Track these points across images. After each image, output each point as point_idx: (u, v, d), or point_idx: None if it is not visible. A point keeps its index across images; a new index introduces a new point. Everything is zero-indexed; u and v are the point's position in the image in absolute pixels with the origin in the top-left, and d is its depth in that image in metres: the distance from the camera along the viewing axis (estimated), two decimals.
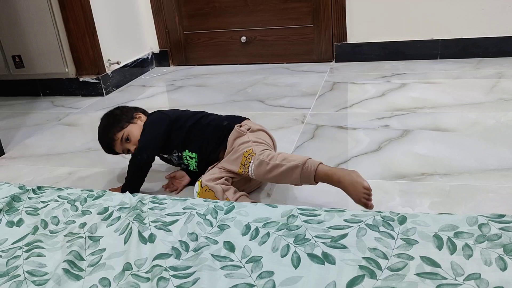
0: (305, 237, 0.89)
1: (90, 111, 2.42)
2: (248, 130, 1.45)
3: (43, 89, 2.70)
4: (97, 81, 2.60)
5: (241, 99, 2.43)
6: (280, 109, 2.24)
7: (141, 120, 1.53)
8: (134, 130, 1.48)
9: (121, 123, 1.49)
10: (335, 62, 2.89)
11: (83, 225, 1.03)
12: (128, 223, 1.00)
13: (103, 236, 0.97)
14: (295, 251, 0.86)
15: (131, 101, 2.53)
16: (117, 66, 2.73)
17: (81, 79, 2.61)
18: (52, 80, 2.65)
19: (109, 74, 2.66)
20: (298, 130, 1.98)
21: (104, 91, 2.62)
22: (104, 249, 0.93)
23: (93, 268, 0.88)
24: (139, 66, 2.98)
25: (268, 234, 0.92)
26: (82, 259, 0.91)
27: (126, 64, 2.84)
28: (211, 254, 0.88)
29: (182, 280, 0.83)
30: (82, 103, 2.54)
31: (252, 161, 1.28)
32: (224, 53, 3.07)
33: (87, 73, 2.61)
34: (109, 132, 1.48)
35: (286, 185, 1.56)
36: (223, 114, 1.66)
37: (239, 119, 1.56)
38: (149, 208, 1.06)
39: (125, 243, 0.95)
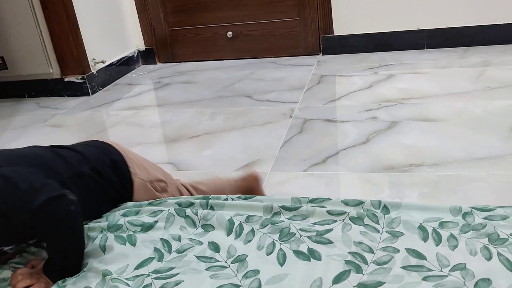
0: (290, 231, 0.88)
1: (77, 112, 2.39)
2: None
3: (28, 90, 2.66)
4: (82, 80, 2.57)
5: (229, 94, 2.41)
6: (268, 104, 2.23)
7: None
8: None
9: None
10: (322, 55, 2.89)
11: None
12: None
13: None
14: (280, 249, 0.85)
15: (118, 100, 2.51)
16: (102, 65, 2.70)
17: (66, 79, 2.58)
18: (37, 81, 2.62)
19: (94, 73, 2.63)
20: (286, 124, 1.97)
21: (90, 91, 2.60)
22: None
23: None
24: (125, 65, 2.95)
25: (252, 231, 0.91)
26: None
27: (112, 62, 2.81)
28: (195, 256, 0.87)
29: (165, 280, 0.82)
30: (68, 104, 2.51)
31: None
32: (211, 48, 3.05)
33: (72, 73, 2.58)
34: None
35: (276, 180, 1.56)
36: (210, 110, 1.63)
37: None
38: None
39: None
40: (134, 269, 0.87)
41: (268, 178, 1.59)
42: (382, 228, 0.85)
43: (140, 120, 2.23)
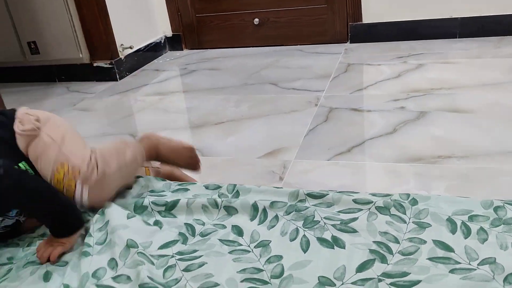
0: (314, 219, 0.88)
1: (105, 96, 2.43)
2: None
3: (58, 74, 2.72)
4: (110, 66, 2.60)
5: (254, 82, 2.40)
6: (294, 92, 2.21)
7: None
8: None
9: None
10: (350, 43, 2.84)
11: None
12: None
13: None
14: (304, 235, 0.85)
15: (144, 85, 2.54)
16: (130, 51, 2.73)
17: (95, 64, 2.62)
18: (67, 66, 2.67)
19: (122, 58, 2.66)
20: (311, 113, 1.95)
21: (117, 76, 2.63)
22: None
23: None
24: (152, 50, 2.97)
25: (276, 217, 0.90)
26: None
27: (139, 48, 2.83)
28: (219, 239, 0.88)
29: (188, 262, 0.83)
30: (96, 88, 2.55)
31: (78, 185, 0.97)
32: (237, 35, 3.04)
33: (100, 58, 2.61)
34: None
35: (300, 168, 1.55)
36: (235, 97, 1.62)
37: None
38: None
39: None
40: (158, 248, 0.88)
41: (292, 166, 1.58)
42: (409, 219, 0.84)
43: (166, 105, 2.25)
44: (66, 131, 1.01)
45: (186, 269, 0.81)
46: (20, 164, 0.95)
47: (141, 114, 2.17)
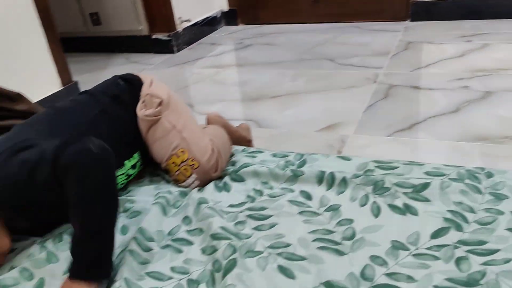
0: (385, 186, 0.87)
1: (163, 68, 2.49)
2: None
3: (118, 45, 2.80)
4: (168, 38, 2.65)
5: (311, 57, 2.39)
6: (351, 68, 2.18)
7: None
8: None
9: None
10: (410, 21, 2.75)
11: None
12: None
13: None
14: (374, 202, 0.85)
15: (201, 58, 2.57)
16: (187, 24, 2.77)
17: (153, 37, 2.68)
18: (127, 37, 2.74)
19: (180, 31, 2.71)
20: (370, 89, 1.93)
21: (175, 48, 2.68)
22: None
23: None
24: (209, 25, 3.00)
25: (345, 183, 0.91)
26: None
27: (196, 22, 2.87)
28: (288, 200, 0.90)
29: (259, 222, 0.85)
30: (154, 60, 2.61)
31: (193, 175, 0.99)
32: (293, 12, 3.01)
33: (159, 30, 2.66)
34: None
35: (358, 143, 1.54)
36: (291, 72, 1.59)
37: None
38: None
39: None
40: (228, 206, 0.91)
41: (351, 141, 1.57)
42: (485, 189, 0.82)
43: (222, 78, 2.27)
44: (186, 117, 1.04)
45: (257, 229, 0.83)
46: (134, 155, 0.99)
47: (198, 86, 2.21)
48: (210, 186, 0.97)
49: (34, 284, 0.78)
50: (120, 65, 2.60)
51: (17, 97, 1.35)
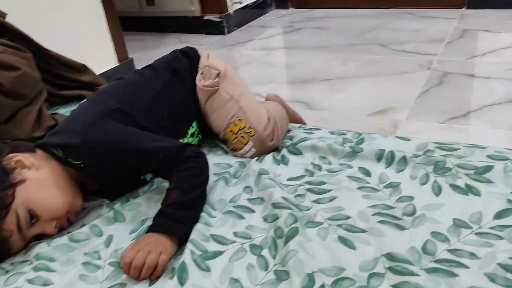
0: (446, 166, 0.87)
1: (213, 49, 2.52)
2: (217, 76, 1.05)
3: (170, 26, 2.86)
4: (220, 19, 2.68)
5: (362, 42, 2.36)
6: (404, 54, 2.15)
7: (31, 164, 0.84)
8: (33, 192, 0.81)
9: None
10: (467, 8, 2.67)
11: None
12: None
13: None
14: (435, 181, 0.85)
15: (251, 41, 2.59)
16: (239, 6, 2.79)
17: (205, 18, 2.72)
18: (179, 18, 2.79)
19: (231, 13, 2.73)
20: (423, 76, 1.90)
21: (226, 30, 2.71)
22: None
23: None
24: (259, 8, 3.01)
25: (405, 161, 0.91)
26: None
27: (247, 4, 2.88)
28: (347, 176, 0.91)
29: (319, 195, 0.87)
30: (205, 41, 2.66)
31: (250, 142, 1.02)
32: None
33: (211, 11, 2.70)
34: None
35: (411, 128, 1.53)
36: (342, 56, 1.60)
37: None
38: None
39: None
40: (287, 180, 0.93)
41: (403, 126, 1.56)
42: None
43: (272, 60, 2.29)
44: (242, 87, 1.07)
45: (317, 201, 0.85)
46: (193, 124, 1.04)
47: (248, 67, 2.23)
48: (269, 158, 0.99)
49: (104, 240, 0.83)
50: (171, 45, 2.66)
51: (83, 69, 1.42)
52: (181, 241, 0.79)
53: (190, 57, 1.08)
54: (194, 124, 1.05)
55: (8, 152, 0.84)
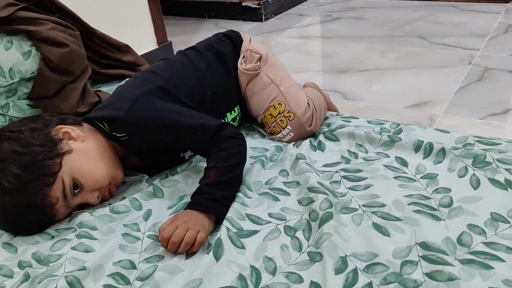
0: (485, 160, 0.86)
1: (250, 35, 2.52)
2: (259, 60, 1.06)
3: (209, 11, 2.88)
4: (258, 6, 2.68)
5: (401, 34, 2.32)
6: (445, 48, 2.10)
7: (78, 136, 0.88)
8: (78, 162, 0.84)
9: (45, 168, 0.80)
10: None
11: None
12: None
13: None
14: (474, 174, 0.84)
15: (288, 29, 2.59)
16: None
17: (243, 4, 2.72)
18: (217, 3, 2.81)
19: (269, 0, 2.73)
20: (463, 70, 1.86)
21: (263, 17, 2.71)
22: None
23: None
24: None
25: (443, 153, 0.90)
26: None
27: None
28: (383, 165, 0.91)
29: (354, 183, 0.87)
30: (243, 27, 2.67)
31: (288, 126, 1.03)
32: None
33: None
34: (30, 199, 0.79)
35: (448, 123, 1.51)
36: (380, 48, 1.58)
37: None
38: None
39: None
40: (323, 166, 0.94)
41: (440, 120, 1.54)
42: None
43: (309, 49, 2.28)
44: (283, 72, 1.08)
45: (352, 189, 0.85)
46: (235, 108, 1.06)
47: (284, 54, 2.24)
48: (306, 143, 1.00)
49: (143, 214, 0.86)
50: (209, 30, 2.68)
51: (126, 49, 1.45)
52: (218, 220, 0.81)
53: (233, 40, 1.09)
54: (236, 109, 1.07)
55: (56, 124, 0.87)
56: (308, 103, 1.03)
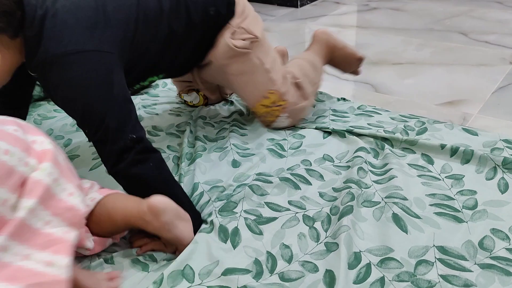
0: None
1: (284, 21, 2.51)
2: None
3: None
4: None
5: (440, 28, 2.25)
6: (485, 45, 2.03)
7: None
8: None
9: None
10: None
11: None
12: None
13: None
14: (502, 177, 0.82)
15: (323, 16, 2.55)
16: None
17: None
18: None
19: None
20: (503, 70, 1.79)
21: (298, 3, 2.68)
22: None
23: None
24: None
25: (471, 153, 0.88)
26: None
27: None
28: (407, 163, 0.89)
29: (379, 176, 0.86)
30: (277, 12, 2.64)
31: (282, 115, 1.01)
32: None
33: None
34: None
35: (481, 123, 1.46)
36: (417, 41, 1.52)
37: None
38: None
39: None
40: (348, 161, 0.93)
41: (474, 120, 1.49)
42: None
43: (343, 38, 2.21)
44: (275, 56, 1.04)
45: (377, 182, 0.84)
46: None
47: None
48: (335, 139, 0.99)
49: None
50: None
51: None
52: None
53: (219, 14, 0.98)
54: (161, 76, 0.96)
55: None
56: (297, 83, 1.01)
